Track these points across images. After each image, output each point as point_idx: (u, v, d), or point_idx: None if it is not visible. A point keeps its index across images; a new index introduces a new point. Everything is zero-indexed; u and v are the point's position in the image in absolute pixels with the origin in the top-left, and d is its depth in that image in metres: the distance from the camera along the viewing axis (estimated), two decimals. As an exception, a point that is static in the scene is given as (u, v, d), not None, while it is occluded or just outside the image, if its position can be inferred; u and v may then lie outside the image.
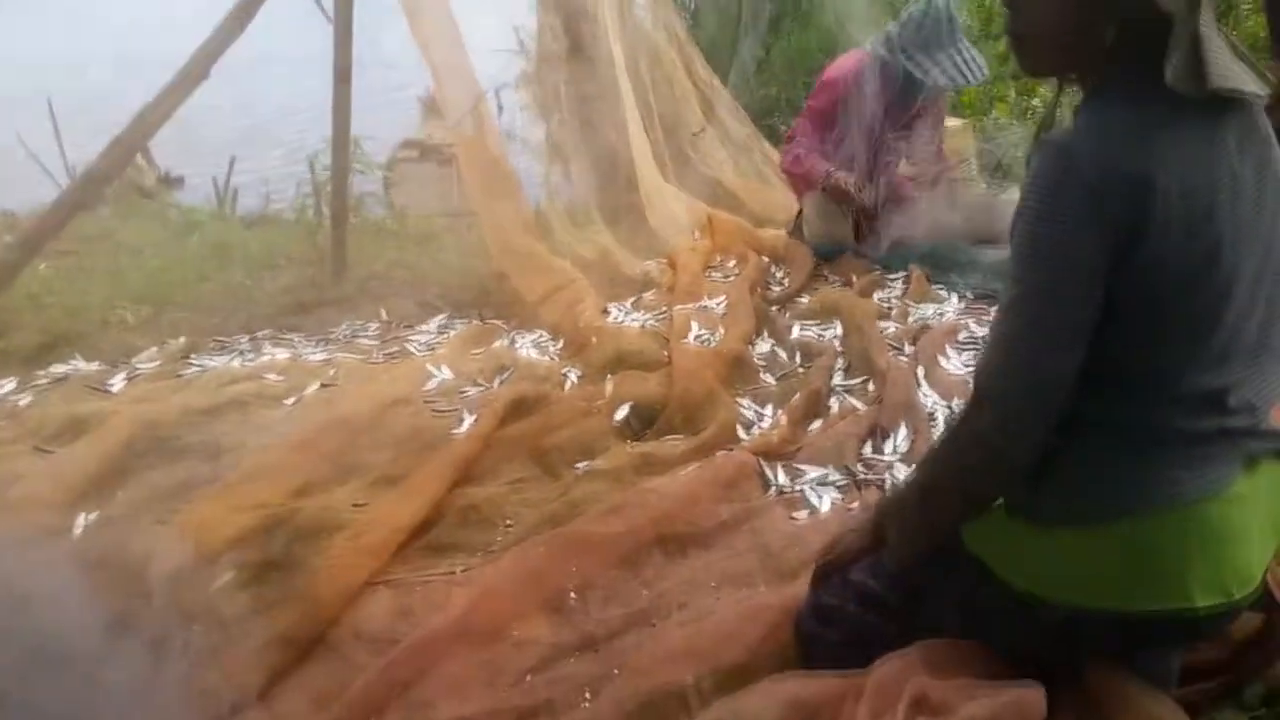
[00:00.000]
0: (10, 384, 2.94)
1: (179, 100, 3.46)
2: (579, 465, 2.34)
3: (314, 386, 2.80)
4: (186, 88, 3.43)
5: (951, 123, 4.81)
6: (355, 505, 2.17)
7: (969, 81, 3.45)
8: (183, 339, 3.28)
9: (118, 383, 2.92)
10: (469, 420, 2.54)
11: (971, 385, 1.28)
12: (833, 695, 1.31)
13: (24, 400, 2.84)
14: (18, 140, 5.62)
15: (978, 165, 4.72)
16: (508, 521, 2.12)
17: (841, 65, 3.65)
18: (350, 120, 3.88)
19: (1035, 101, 5.33)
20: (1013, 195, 3.93)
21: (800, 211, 3.92)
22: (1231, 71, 1.16)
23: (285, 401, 2.72)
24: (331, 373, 2.90)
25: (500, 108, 5.37)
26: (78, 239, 4.26)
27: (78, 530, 2.18)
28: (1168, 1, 1.11)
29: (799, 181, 3.78)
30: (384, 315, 3.55)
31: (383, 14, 4.03)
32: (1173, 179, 1.12)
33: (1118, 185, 1.11)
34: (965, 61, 3.40)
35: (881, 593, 1.42)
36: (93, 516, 2.22)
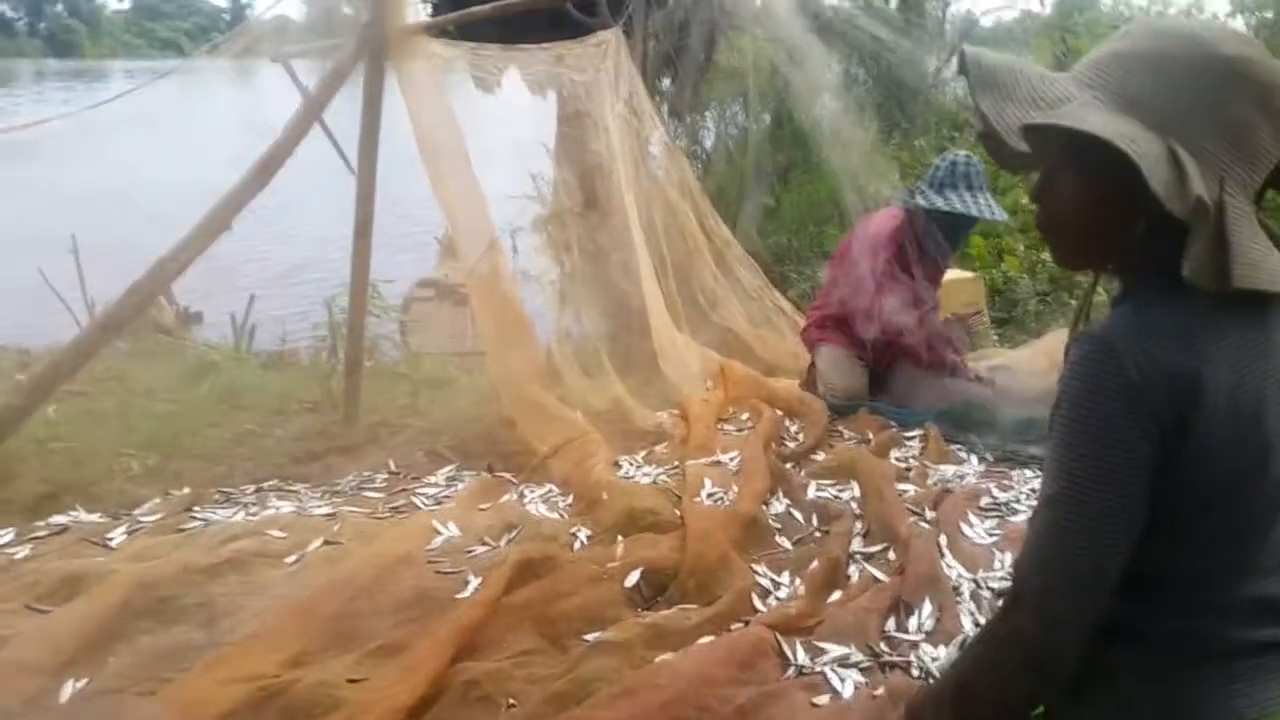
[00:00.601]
0: (8, 535, 2.88)
1: (199, 250, 3.53)
2: (587, 637, 2.24)
3: (317, 543, 2.73)
4: (207, 238, 3.49)
5: (963, 275, 4.87)
6: (351, 680, 2.07)
7: (988, 217, 3.74)
8: (187, 490, 3.23)
9: (118, 536, 2.85)
10: (474, 583, 2.46)
11: (1009, 581, 1.23)
12: None
13: (20, 553, 2.77)
14: (40, 277, 5.72)
15: (988, 318, 4.75)
16: (511, 701, 2.02)
17: (884, 222, 3.74)
18: (369, 271, 3.95)
19: (1044, 256, 5.39)
20: (1024, 352, 3.93)
21: (812, 364, 3.91)
22: (1262, 268, 1.14)
23: (287, 560, 2.64)
24: (335, 529, 2.84)
25: (515, 250, 5.48)
26: (90, 379, 4.27)
27: (64, 698, 2.09)
28: (1181, 207, 1.10)
29: (915, 357, 3.72)
30: (392, 466, 3.51)
31: (407, 160, 4.14)
32: (1218, 377, 1.08)
33: (1160, 381, 1.07)
34: (985, 203, 3.69)
35: None
36: (81, 684, 2.13)
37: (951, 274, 4.77)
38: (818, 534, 2.74)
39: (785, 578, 2.49)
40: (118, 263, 4.20)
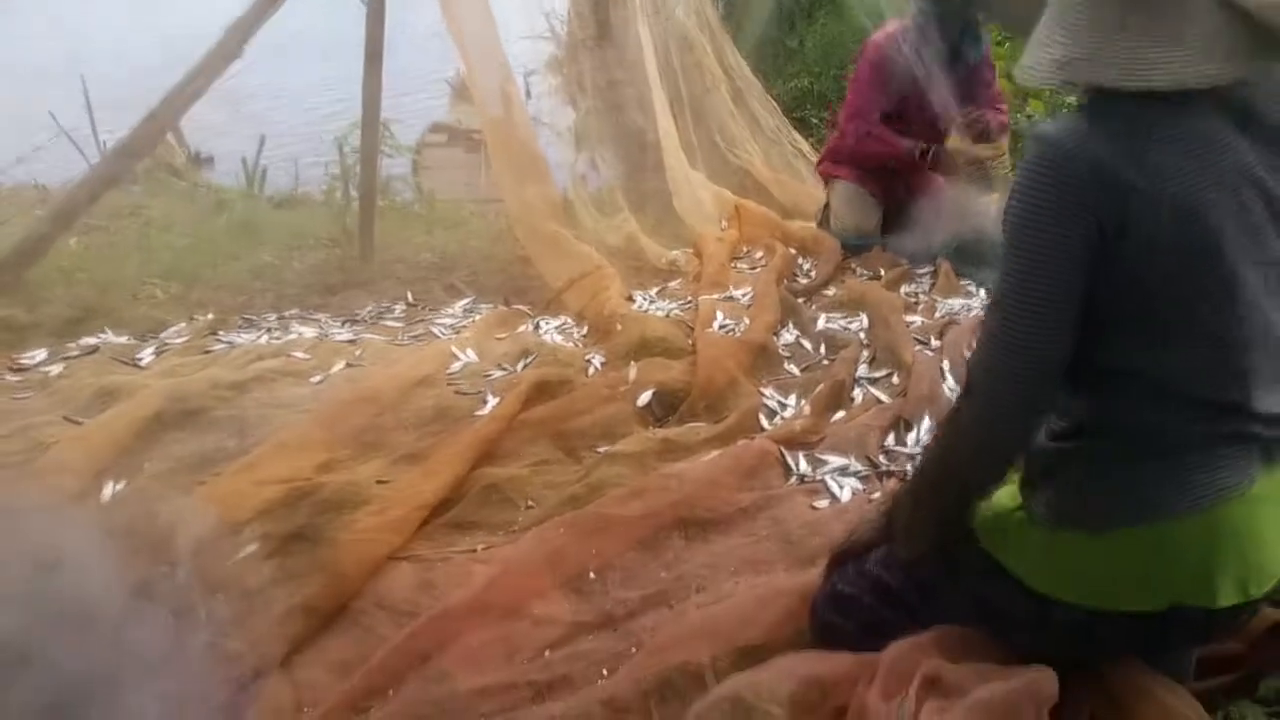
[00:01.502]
0: (41, 354, 2.98)
1: (210, 78, 3.49)
2: (600, 448, 2.34)
3: (340, 365, 2.82)
4: (218, 66, 3.45)
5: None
6: (379, 481, 2.19)
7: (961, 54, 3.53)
8: (210, 315, 3.31)
9: (146, 356, 2.95)
10: (492, 402, 2.55)
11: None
12: (846, 673, 1.33)
13: (54, 370, 2.87)
14: (50, 115, 5.67)
15: (1011, 162, 4.68)
16: (529, 502, 2.14)
17: (880, 32, 3.67)
18: (380, 102, 3.90)
19: (1070, 100, 5.26)
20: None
21: (827, 204, 3.90)
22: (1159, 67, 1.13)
23: (311, 379, 2.74)
24: (357, 353, 2.92)
25: (529, 93, 5.39)
26: (108, 214, 4.29)
27: (105, 498, 2.21)
28: None
29: (870, 158, 3.71)
30: (410, 298, 3.57)
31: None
32: (1162, 182, 1.12)
33: (1094, 179, 1.13)
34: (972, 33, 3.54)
35: (896, 586, 1.42)
36: (120, 485, 2.24)
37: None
38: (825, 361, 2.81)
39: (791, 399, 2.57)
40: (128, 96, 4.16)
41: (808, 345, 2.93)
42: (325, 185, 5.63)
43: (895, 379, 2.62)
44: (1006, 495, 1.36)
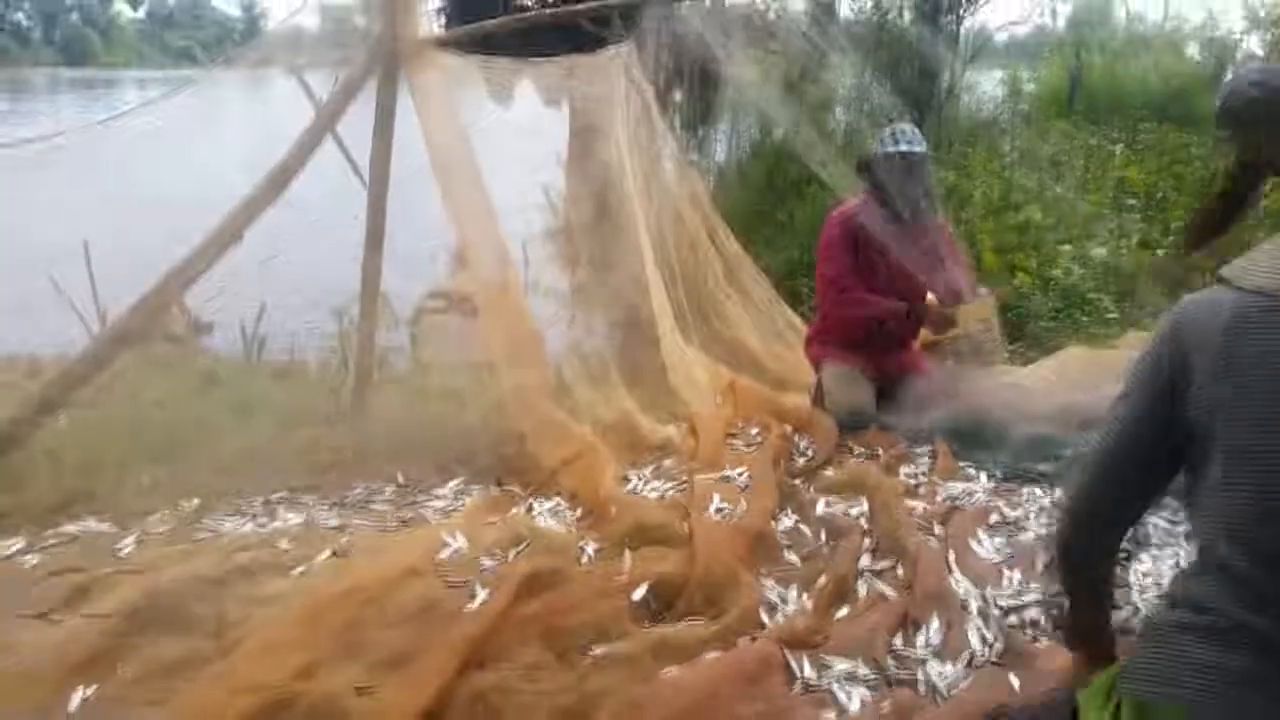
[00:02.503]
0: (19, 544, 2.89)
1: (210, 261, 3.55)
2: (595, 650, 2.23)
3: (325, 555, 2.73)
4: (217, 249, 3.52)
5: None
6: (359, 690, 2.07)
7: (914, 148, 3.72)
8: (196, 501, 3.24)
9: (127, 546, 2.87)
10: (482, 595, 2.46)
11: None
12: None
13: (30, 562, 2.78)
14: (52, 285, 5.74)
15: (1000, 335, 4.73)
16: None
17: (837, 208, 3.88)
18: (379, 284, 3.96)
19: (1056, 272, 5.38)
20: (1035, 369, 3.92)
21: (819, 382, 3.91)
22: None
23: (294, 571, 2.65)
24: (343, 540, 2.84)
25: (526, 261, 5.49)
26: (99, 388, 4.28)
27: (73, 708, 2.09)
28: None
29: (855, 324, 3.79)
30: (400, 479, 3.51)
31: (418, 173, 4.16)
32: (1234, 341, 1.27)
33: (1177, 334, 1.35)
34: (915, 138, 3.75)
35: None
36: (90, 692, 2.13)
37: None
38: (826, 550, 2.73)
39: (793, 593, 2.49)
40: (130, 273, 4.23)
41: (807, 531, 2.86)
42: (323, 355, 5.68)
43: (900, 570, 2.54)
44: None
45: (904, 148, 3.70)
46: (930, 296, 3.84)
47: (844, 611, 2.39)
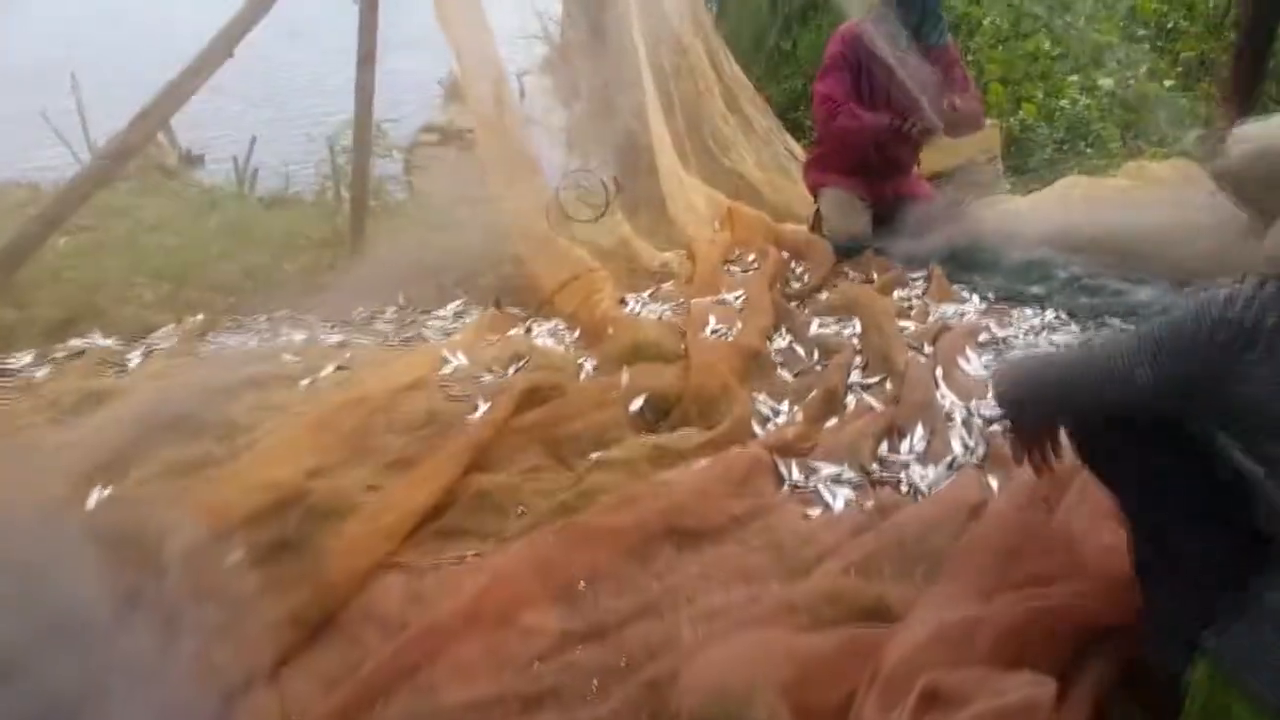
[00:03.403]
0: (28, 357, 2.95)
1: (202, 79, 3.47)
2: (592, 455, 2.32)
3: (330, 368, 2.80)
4: (210, 66, 3.43)
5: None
6: (368, 488, 2.17)
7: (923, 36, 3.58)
8: (200, 317, 3.28)
9: (135, 359, 2.93)
10: (483, 407, 2.53)
11: None
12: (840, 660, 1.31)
13: (41, 373, 2.85)
14: (41, 113, 5.64)
15: (1003, 165, 4.69)
16: (520, 509, 2.12)
17: (843, 26, 3.76)
18: (373, 103, 3.88)
19: (1062, 102, 5.27)
20: (1035, 199, 3.90)
21: (818, 210, 3.90)
22: None
23: (301, 382, 2.71)
24: (348, 355, 2.90)
25: (522, 93, 5.37)
26: (98, 214, 4.26)
27: (91, 504, 2.18)
28: None
29: (849, 139, 3.73)
30: (401, 301, 3.54)
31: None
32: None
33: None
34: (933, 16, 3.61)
35: None
36: (107, 491, 2.22)
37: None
38: (818, 367, 2.79)
39: (784, 406, 2.56)
40: (119, 97, 4.14)
41: (800, 351, 2.92)
42: (317, 185, 5.63)
43: (888, 385, 2.60)
44: None
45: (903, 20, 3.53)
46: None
47: (832, 422, 2.46)
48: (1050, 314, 2.94)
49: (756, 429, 2.45)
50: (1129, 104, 5.04)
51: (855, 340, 2.91)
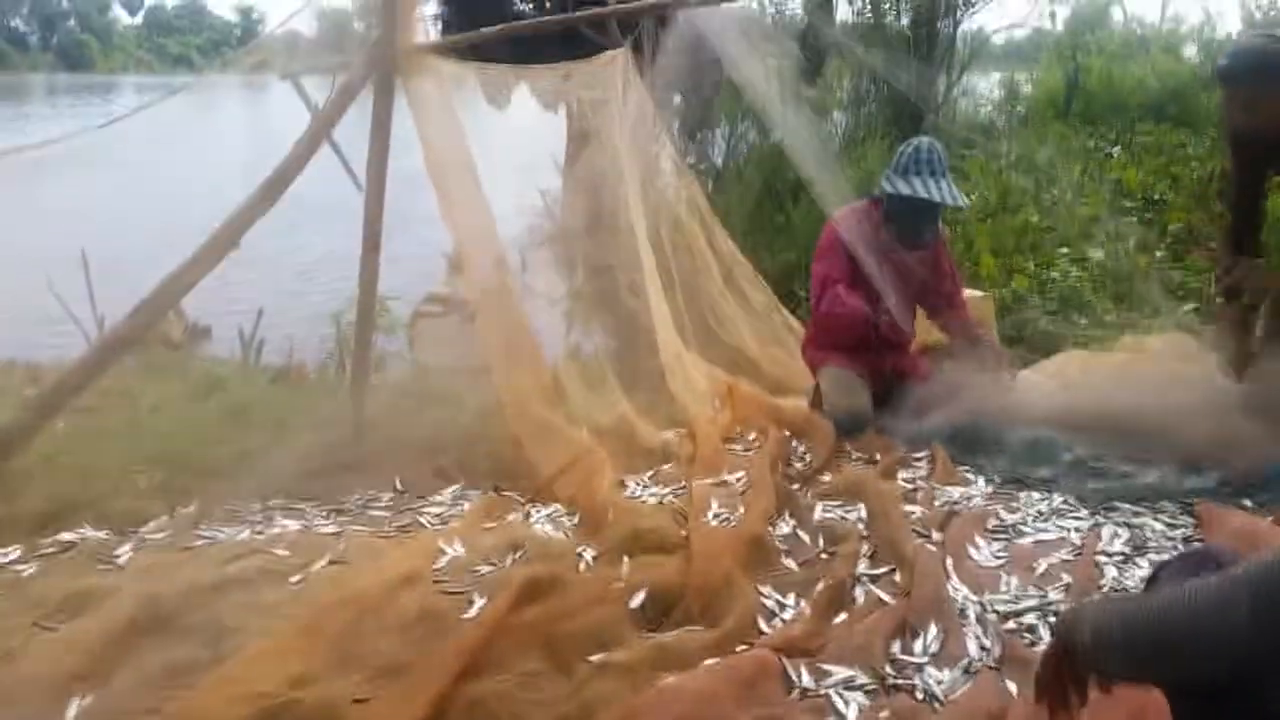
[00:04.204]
0: (15, 552, 2.89)
1: (207, 267, 3.54)
2: (592, 658, 2.23)
3: (322, 562, 2.73)
4: (215, 256, 3.51)
5: (972, 294, 4.86)
6: (356, 700, 2.07)
7: (946, 202, 3.69)
8: (193, 507, 3.23)
9: (125, 553, 2.86)
10: (479, 603, 2.45)
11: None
12: None
13: (28, 571, 2.78)
14: (50, 294, 5.74)
15: (998, 338, 4.73)
16: (517, 724, 2.02)
17: (840, 214, 3.86)
18: (377, 288, 3.96)
19: (1054, 274, 5.38)
20: (1033, 374, 3.92)
21: (817, 386, 3.91)
22: None
23: (292, 579, 2.64)
24: (341, 548, 2.84)
25: (524, 266, 5.49)
26: (97, 395, 4.27)
27: (70, 717, 2.09)
28: None
29: (831, 323, 3.82)
30: (398, 484, 3.50)
31: (415, 176, 4.17)
32: None
33: None
34: (945, 189, 3.68)
35: None
36: (87, 701, 2.13)
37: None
38: (824, 555, 2.73)
39: (791, 599, 2.48)
40: (128, 279, 4.23)
41: (805, 537, 2.86)
42: (320, 359, 5.68)
43: (897, 577, 2.53)
44: None
45: (923, 195, 3.65)
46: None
47: (841, 618, 2.38)
48: (1058, 499, 2.89)
49: (762, 625, 2.37)
50: (1120, 275, 5.15)
51: (861, 526, 2.85)
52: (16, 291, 5.41)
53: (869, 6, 10.30)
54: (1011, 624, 2.25)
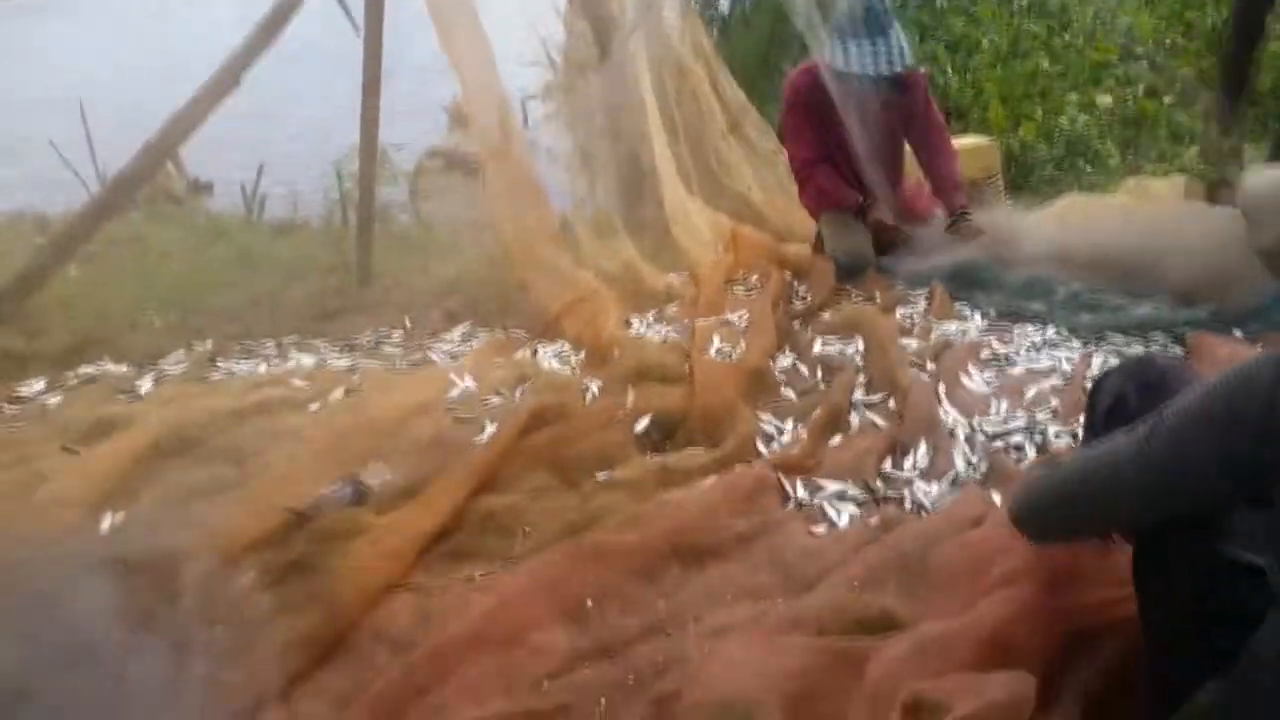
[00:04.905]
0: (40, 384, 2.99)
1: (209, 108, 3.53)
2: (598, 475, 2.34)
3: (338, 392, 2.82)
4: (216, 96, 3.49)
5: (978, 140, 4.83)
6: (377, 511, 2.19)
7: (882, 71, 3.47)
8: (209, 343, 3.32)
9: (145, 385, 2.96)
10: (490, 429, 2.55)
11: None
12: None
13: (53, 400, 2.88)
14: (49, 143, 5.70)
15: (1004, 182, 4.72)
16: (527, 529, 2.14)
17: (795, 70, 3.83)
18: (378, 132, 3.94)
19: (1062, 119, 5.31)
20: (1035, 217, 3.92)
21: (819, 231, 3.93)
22: None
23: (310, 407, 2.74)
24: (356, 379, 2.93)
25: (526, 119, 5.42)
26: (107, 242, 4.31)
27: (104, 529, 2.21)
28: None
29: (823, 206, 3.82)
30: (408, 324, 3.58)
31: (413, 20, 4.08)
32: None
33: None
34: (880, 50, 3.44)
35: None
36: (119, 516, 2.25)
37: (968, 139, 4.74)
38: (822, 386, 2.81)
39: (789, 425, 2.58)
40: (127, 127, 4.20)
41: (804, 370, 2.94)
42: (324, 211, 5.68)
43: (891, 403, 2.62)
44: None
45: (839, 67, 3.48)
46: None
47: (836, 440, 2.48)
48: (1051, 330, 2.96)
49: (761, 448, 2.47)
50: (1129, 121, 5.08)
51: (858, 359, 2.93)
52: (18, 140, 5.39)
53: None
54: (999, 443, 2.34)
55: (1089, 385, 2.55)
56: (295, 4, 3.57)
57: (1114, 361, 2.61)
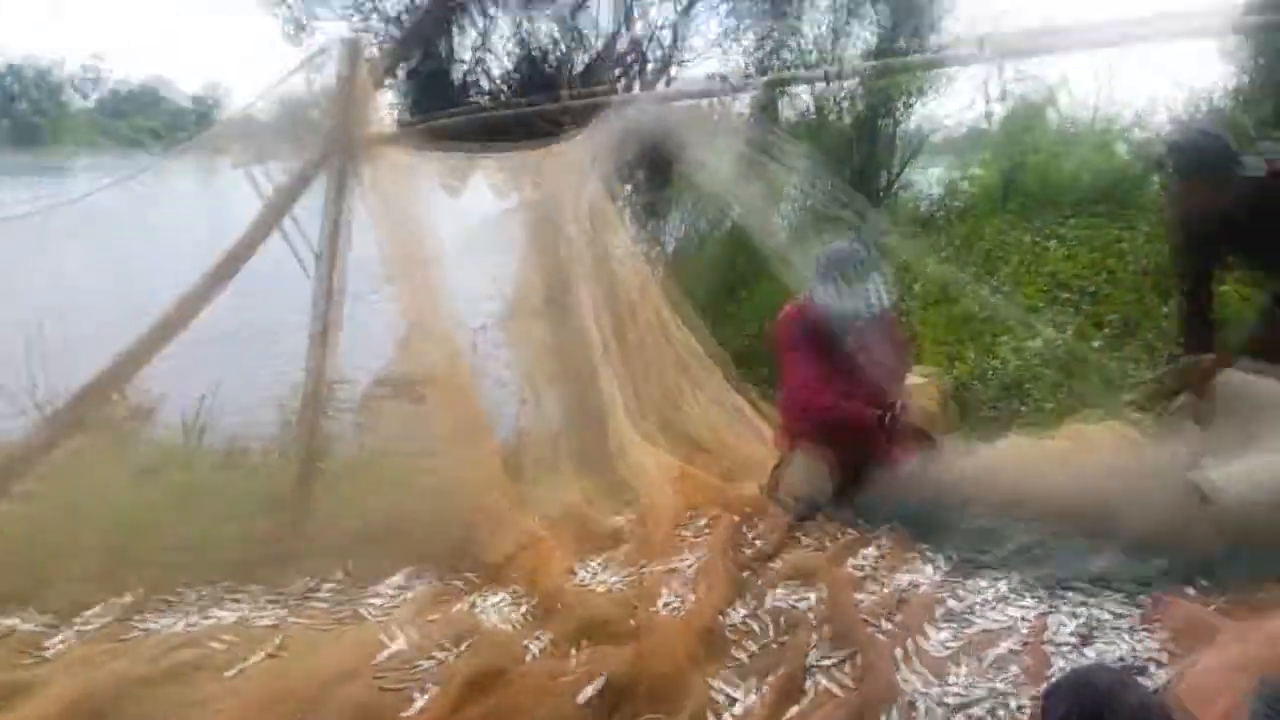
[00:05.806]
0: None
1: (155, 349, 3.51)
2: (539, 757, 2.18)
3: (259, 656, 2.65)
4: (162, 338, 3.47)
5: (922, 373, 4.96)
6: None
7: (859, 311, 3.70)
8: (129, 597, 3.13)
9: (60, 643, 2.76)
10: (420, 701, 2.39)
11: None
12: None
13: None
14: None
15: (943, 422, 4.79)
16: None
17: (781, 315, 3.97)
18: (325, 375, 3.92)
19: (995, 362, 5.49)
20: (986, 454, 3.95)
21: (778, 465, 3.90)
22: None
23: (227, 673, 2.56)
24: (278, 641, 2.76)
25: (475, 348, 5.47)
26: (39, 478, 4.15)
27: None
28: None
29: (836, 429, 3.78)
30: (343, 572, 3.42)
31: (368, 264, 4.18)
32: None
33: None
34: (864, 294, 3.70)
35: None
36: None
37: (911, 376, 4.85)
38: (776, 644, 2.70)
39: (743, 690, 2.45)
40: (73, 361, 4.16)
41: (756, 625, 2.83)
42: (266, 444, 5.56)
43: (849, 666, 2.51)
44: None
45: (833, 306, 3.71)
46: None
47: (794, 710, 2.35)
48: (1004, 585, 2.90)
49: None
50: (1060, 364, 5.27)
51: (812, 614, 2.83)
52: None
53: (811, 108, 10.70)
54: (960, 716, 2.23)
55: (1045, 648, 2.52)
56: (249, 251, 3.64)
57: (1069, 624, 2.57)
